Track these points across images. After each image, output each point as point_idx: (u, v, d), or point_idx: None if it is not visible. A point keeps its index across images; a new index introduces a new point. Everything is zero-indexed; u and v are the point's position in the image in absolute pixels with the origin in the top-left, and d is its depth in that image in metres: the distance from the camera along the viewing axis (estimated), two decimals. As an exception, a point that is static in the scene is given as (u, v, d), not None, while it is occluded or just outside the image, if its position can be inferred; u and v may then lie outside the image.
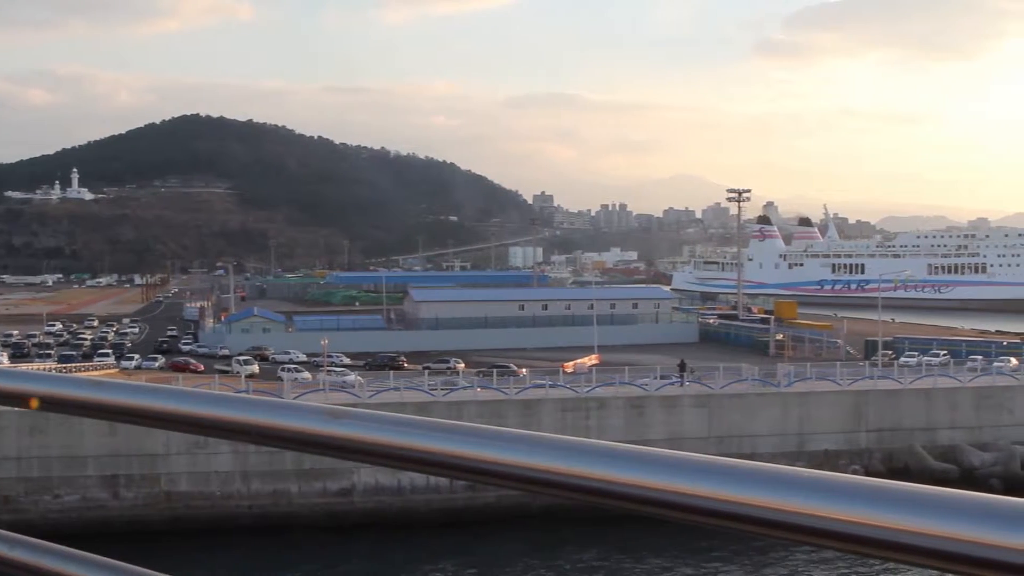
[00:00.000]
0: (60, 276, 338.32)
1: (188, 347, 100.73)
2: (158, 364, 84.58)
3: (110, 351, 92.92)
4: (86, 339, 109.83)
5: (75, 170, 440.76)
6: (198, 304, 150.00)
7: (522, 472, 1.59)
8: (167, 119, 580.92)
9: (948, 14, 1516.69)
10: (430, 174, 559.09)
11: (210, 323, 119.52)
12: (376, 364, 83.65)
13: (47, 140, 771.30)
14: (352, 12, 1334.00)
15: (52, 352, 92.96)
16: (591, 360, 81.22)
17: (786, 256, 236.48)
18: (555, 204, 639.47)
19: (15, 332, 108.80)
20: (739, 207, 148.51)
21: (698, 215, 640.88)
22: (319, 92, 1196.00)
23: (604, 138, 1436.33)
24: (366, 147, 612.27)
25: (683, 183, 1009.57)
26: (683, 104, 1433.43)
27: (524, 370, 70.48)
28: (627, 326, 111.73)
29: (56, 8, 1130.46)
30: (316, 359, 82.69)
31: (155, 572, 2.10)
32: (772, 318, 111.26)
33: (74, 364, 78.26)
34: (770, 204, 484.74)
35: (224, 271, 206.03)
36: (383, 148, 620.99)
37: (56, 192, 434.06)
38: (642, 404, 56.52)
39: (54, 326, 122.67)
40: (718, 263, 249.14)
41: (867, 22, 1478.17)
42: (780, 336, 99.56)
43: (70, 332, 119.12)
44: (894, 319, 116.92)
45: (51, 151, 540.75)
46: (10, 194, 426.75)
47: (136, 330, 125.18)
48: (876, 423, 57.49)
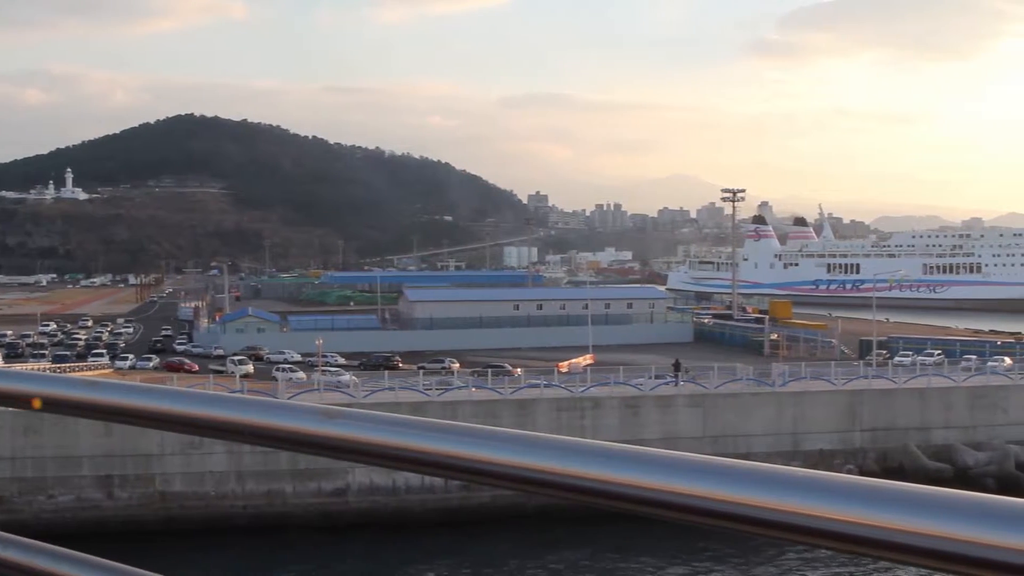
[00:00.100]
0: (54, 276, 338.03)
1: (183, 347, 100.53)
2: (152, 364, 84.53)
3: (104, 351, 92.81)
4: (80, 339, 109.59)
5: (69, 170, 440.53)
6: (192, 304, 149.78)
7: (517, 472, 1.60)
8: (161, 119, 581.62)
9: (942, 14, 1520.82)
10: (425, 174, 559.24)
11: (204, 323, 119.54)
12: (371, 364, 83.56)
13: (41, 140, 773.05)
14: (347, 11, 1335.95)
15: (46, 352, 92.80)
16: (586, 360, 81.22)
17: (781, 256, 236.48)
18: (550, 204, 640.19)
19: (9, 332, 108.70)
20: (734, 207, 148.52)
21: (693, 215, 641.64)
22: (314, 92, 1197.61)
23: (598, 138, 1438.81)
24: (361, 147, 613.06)
25: (678, 183, 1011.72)
26: (677, 104, 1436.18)
27: (519, 370, 70.54)
28: (622, 326, 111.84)
29: (50, 8, 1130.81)
30: (311, 359, 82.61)
31: (149, 572, 2.10)
32: (767, 318, 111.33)
33: (68, 364, 78.07)
34: (765, 204, 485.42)
35: (218, 271, 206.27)
36: (378, 148, 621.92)
37: (50, 192, 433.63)
38: (637, 404, 56.51)
39: (48, 326, 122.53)
40: (713, 263, 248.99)
41: (861, 22, 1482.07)
42: (775, 336, 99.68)
43: (64, 332, 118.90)
44: (888, 319, 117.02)
45: (45, 151, 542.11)
46: (4, 194, 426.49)
47: (130, 330, 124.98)
48: (870, 423, 57.53)
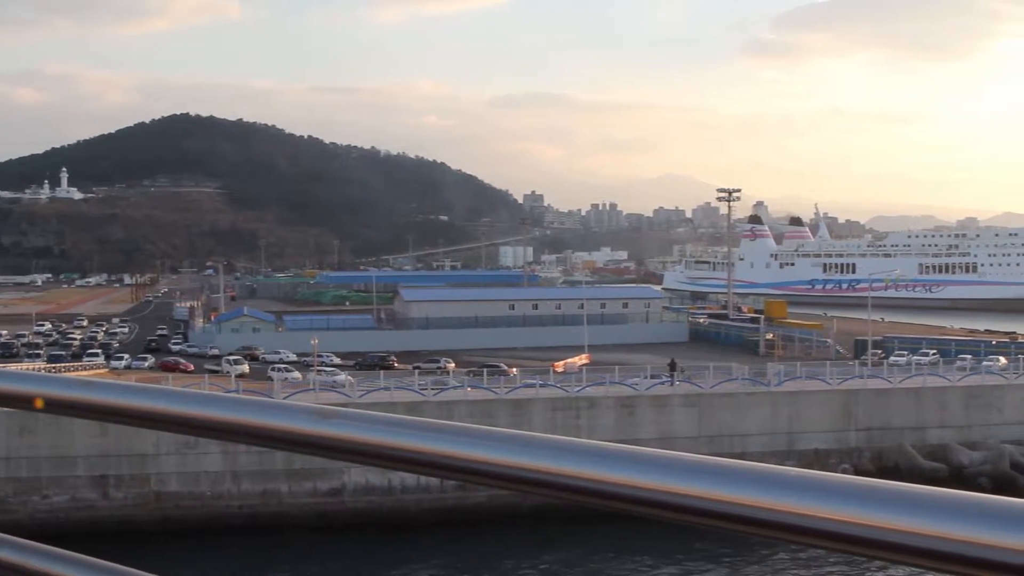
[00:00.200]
0: (49, 276, 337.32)
1: (178, 347, 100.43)
2: (148, 364, 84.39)
3: (99, 351, 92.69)
4: (75, 339, 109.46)
5: (64, 169, 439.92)
6: (188, 304, 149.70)
7: (512, 472, 1.59)
8: (157, 118, 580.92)
9: (937, 14, 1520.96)
10: (420, 174, 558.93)
11: (200, 323, 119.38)
12: (366, 364, 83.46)
13: (36, 139, 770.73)
14: (342, 11, 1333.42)
15: (41, 352, 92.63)
16: (581, 360, 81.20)
17: (777, 256, 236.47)
18: (545, 204, 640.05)
19: (4, 332, 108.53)
20: (729, 207, 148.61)
21: (688, 215, 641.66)
22: (309, 91, 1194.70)
23: (594, 137, 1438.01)
24: (356, 147, 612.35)
25: (673, 183, 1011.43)
26: (673, 104, 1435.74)
27: (514, 370, 70.44)
28: (617, 325, 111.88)
29: (43, 8, 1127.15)
30: (306, 359, 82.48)
31: (145, 572, 2.09)
32: (762, 317, 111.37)
33: (63, 364, 77.93)
34: (760, 204, 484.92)
35: (214, 271, 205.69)
36: (373, 148, 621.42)
37: (45, 191, 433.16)
38: (632, 404, 56.54)
39: (43, 326, 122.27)
40: (709, 263, 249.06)
41: (856, 22, 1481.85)
42: (770, 335, 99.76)
43: (59, 332, 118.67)
44: (883, 318, 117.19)
45: (40, 150, 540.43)
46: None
47: (126, 330, 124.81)
48: (866, 422, 57.60)
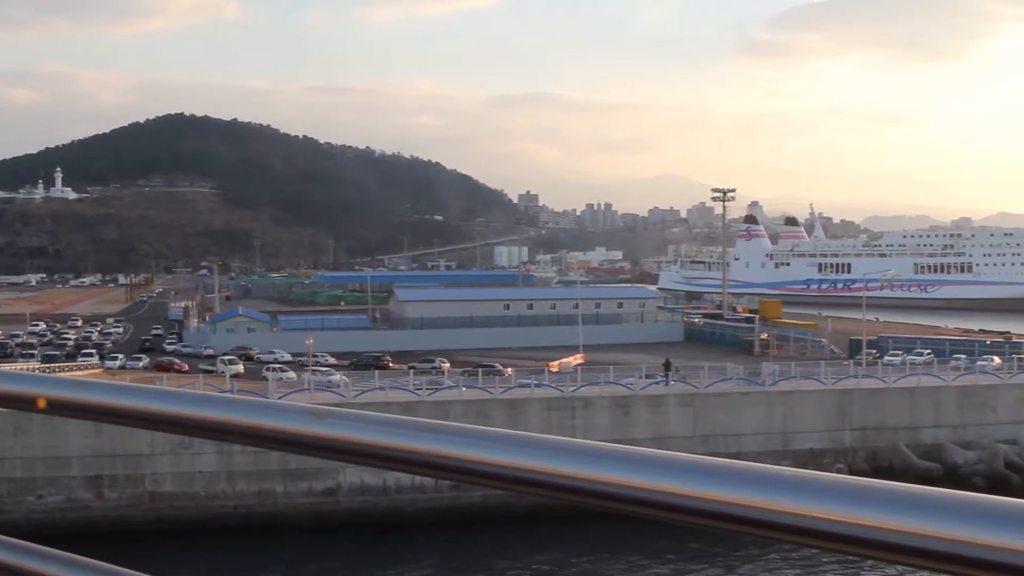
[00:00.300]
0: (43, 276, 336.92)
1: (172, 347, 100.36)
2: (142, 364, 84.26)
3: (94, 351, 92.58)
4: (70, 339, 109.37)
5: (58, 169, 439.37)
6: (182, 304, 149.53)
7: (508, 472, 1.59)
8: (151, 118, 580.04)
9: (932, 15, 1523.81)
10: (415, 174, 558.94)
11: (195, 323, 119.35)
12: (361, 364, 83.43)
13: (30, 139, 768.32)
14: (337, 11, 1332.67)
15: (35, 352, 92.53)
16: (576, 359, 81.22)
17: (773, 255, 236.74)
18: (540, 203, 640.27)
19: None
20: (724, 206, 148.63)
21: (683, 215, 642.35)
22: (304, 91, 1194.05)
23: (589, 137, 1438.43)
24: (351, 146, 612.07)
25: (668, 183, 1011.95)
26: (668, 104, 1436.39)
27: (509, 369, 70.38)
28: (612, 325, 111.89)
29: (39, 8, 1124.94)
30: (301, 359, 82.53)
31: (139, 573, 2.09)
32: (757, 317, 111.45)
33: (58, 364, 77.85)
34: (755, 204, 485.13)
35: (208, 271, 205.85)
36: (368, 147, 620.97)
37: (39, 191, 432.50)
38: (627, 403, 56.56)
39: (37, 326, 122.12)
40: (704, 263, 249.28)
41: (851, 22, 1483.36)
42: (765, 335, 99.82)
43: (54, 332, 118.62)
44: (878, 318, 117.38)
45: (34, 150, 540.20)
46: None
47: (120, 330, 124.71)
48: (860, 422, 57.66)
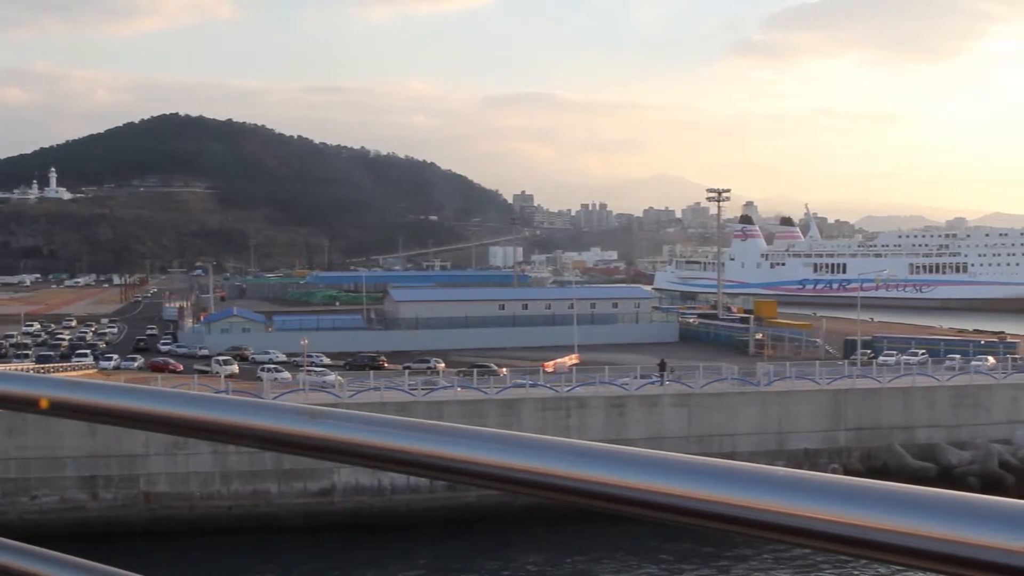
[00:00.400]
0: (38, 276, 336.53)
1: (167, 347, 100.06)
2: (137, 364, 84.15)
3: (88, 351, 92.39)
4: (64, 339, 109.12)
5: (53, 169, 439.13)
6: (177, 304, 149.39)
7: (502, 472, 1.59)
8: (146, 118, 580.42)
9: (927, 15, 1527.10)
10: (410, 174, 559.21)
11: (189, 323, 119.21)
12: (356, 364, 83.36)
13: (24, 139, 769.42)
14: (332, 11, 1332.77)
15: (30, 352, 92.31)
16: (571, 360, 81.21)
17: (768, 256, 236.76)
18: (535, 204, 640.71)
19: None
20: (719, 207, 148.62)
21: (678, 215, 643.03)
22: (299, 92, 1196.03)
23: (584, 138, 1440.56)
24: (346, 147, 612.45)
25: (663, 183, 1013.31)
26: (663, 104, 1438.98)
27: (504, 370, 70.48)
28: (607, 325, 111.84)
29: (33, 7, 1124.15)
30: (296, 359, 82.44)
31: (133, 574, 2.09)
32: (752, 317, 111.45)
33: (52, 365, 77.69)
34: (750, 204, 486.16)
35: (203, 271, 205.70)
36: (363, 148, 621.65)
37: (34, 191, 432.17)
38: (622, 403, 56.57)
39: (32, 326, 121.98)
40: (700, 263, 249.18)
41: (846, 23, 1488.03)
42: (760, 335, 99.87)
43: (48, 332, 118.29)
44: (873, 318, 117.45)
45: (28, 150, 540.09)
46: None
47: (115, 330, 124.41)
48: (855, 422, 57.74)
